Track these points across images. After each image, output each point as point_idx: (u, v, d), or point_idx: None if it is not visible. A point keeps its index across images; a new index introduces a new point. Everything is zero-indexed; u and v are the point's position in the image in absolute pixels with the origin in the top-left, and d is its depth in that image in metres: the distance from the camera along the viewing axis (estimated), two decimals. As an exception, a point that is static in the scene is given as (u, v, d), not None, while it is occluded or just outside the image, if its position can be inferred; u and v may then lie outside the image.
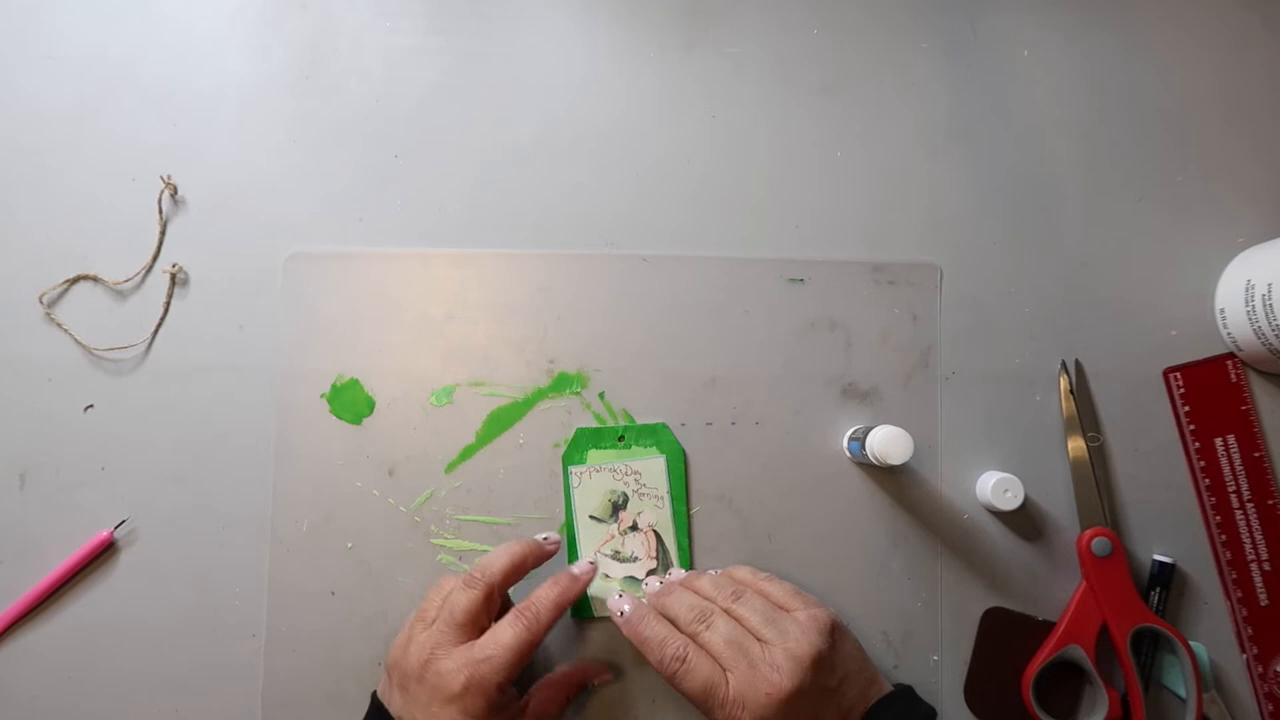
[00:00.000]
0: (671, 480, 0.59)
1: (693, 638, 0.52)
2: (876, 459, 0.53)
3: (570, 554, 0.59)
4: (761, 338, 0.60)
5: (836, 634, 0.52)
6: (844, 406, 0.60)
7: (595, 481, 0.59)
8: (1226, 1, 0.64)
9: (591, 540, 0.58)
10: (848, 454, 0.59)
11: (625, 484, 0.59)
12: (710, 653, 0.51)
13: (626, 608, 0.53)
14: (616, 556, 0.58)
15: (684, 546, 0.59)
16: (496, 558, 0.54)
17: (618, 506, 0.59)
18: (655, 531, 0.59)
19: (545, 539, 0.57)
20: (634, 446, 0.59)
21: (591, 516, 0.59)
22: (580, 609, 0.58)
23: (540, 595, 0.53)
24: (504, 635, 0.51)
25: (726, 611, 0.53)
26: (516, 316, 0.60)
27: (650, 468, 0.59)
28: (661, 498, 0.59)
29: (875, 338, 0.60)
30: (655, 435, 0.59)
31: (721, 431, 0.59)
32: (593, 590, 0.58)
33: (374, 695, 0.54)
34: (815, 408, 0.60)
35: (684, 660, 0.50)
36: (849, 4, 0.64)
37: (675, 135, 0.62)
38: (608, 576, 0.58)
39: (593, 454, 0.59)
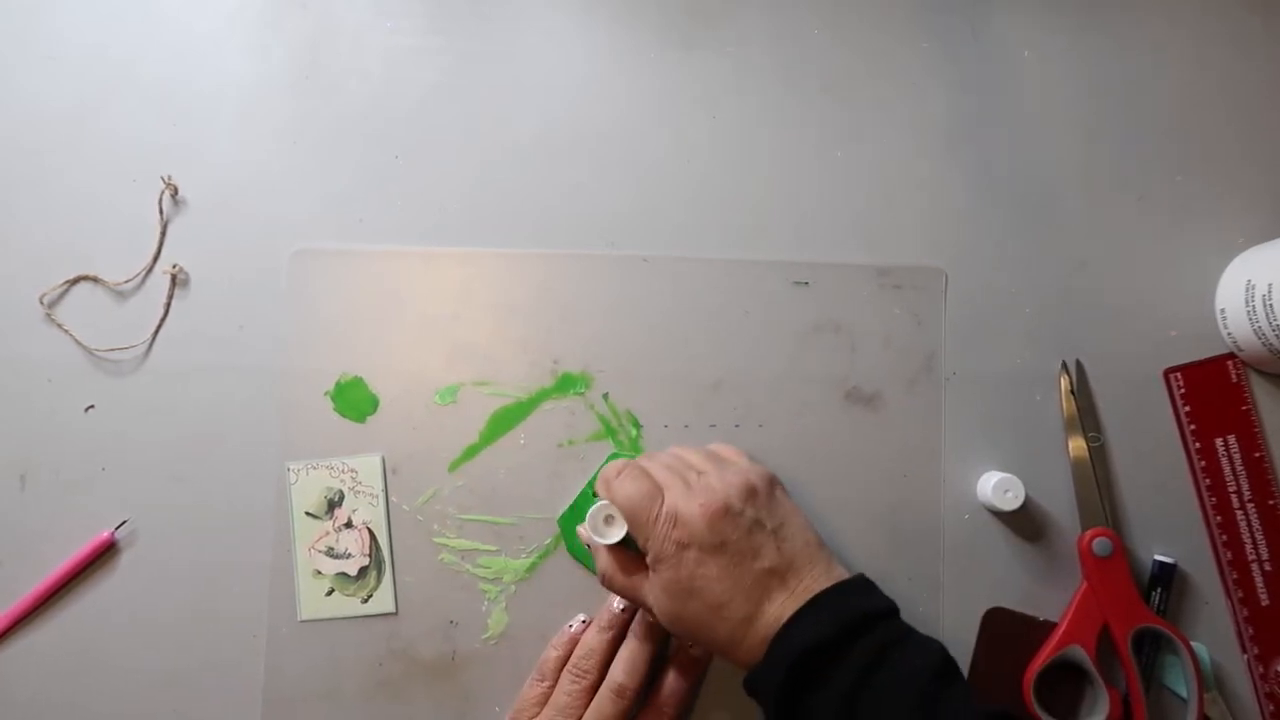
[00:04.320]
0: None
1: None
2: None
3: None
4: (765, 340, 0.60)
5: (775, 484, 0.54)
6: (848, 410, 0.60)
7: (312, 478, 0.59)
8: (1226, 2, 0.64)
9: (306, 536, 0.58)
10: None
11: (341, 481, 0.59)
12: (649, 475, 0.53)
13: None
14: (330, 553, 0.58)
15: None
16: (637, 664, 0.55)
17: (333, 504, 0.59)
18: (369, 529, 0.58)
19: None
20: None
21: (307, 513, 0.58)
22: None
23: (675, 689, 0.56)
24: None
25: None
26: (520, 316, 0.60)
27: (366, 466, 0.59)
28: (376, 496, 0.58)
29: (879, 341, 0.60)
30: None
31: (725, 434, 0.59)
32: (303, 589, 0.58)
33: None
34: (819, 411, 0.60)
35: (620, 472, 0.53)
36: (849, 5, 0.64)
37: (675, 135, 0.62)
38: (319, 573, 0.58)
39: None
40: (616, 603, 0.57)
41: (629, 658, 0.55)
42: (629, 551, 0.54)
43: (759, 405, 0.60)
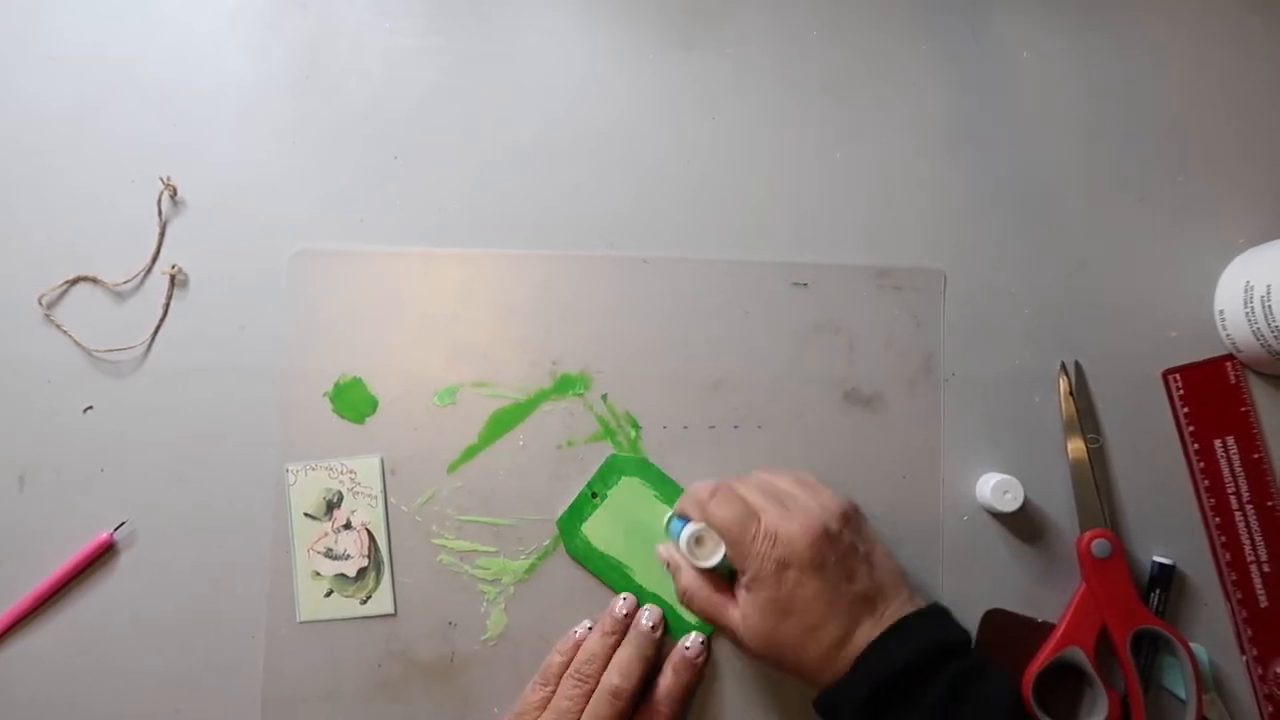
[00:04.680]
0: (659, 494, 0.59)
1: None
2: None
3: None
4: (764, 341, 0.60)
5: (860, 512, 0.55)
6: (847, 411, 0.60)
7: (311, 479, 0.58)
8: (1226, 2, 0.64)
9: (305, 537, 0.58)
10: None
11: (340, 482, 0.59)
12: (743, 497, 0.53)
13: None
14: (329, 554, 0.58)
15: None
16: (633, 666, 0.55)
17: (332, 505, 0.58)
18: (368, 530, 0.58)
19: (652, 626, 0.57)
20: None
21: (306, 514, 0.58)
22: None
23: (670, 692, 0.56)
24: None
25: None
26: (519, 317, 0.60)
27: (365, 467, 0.58)
28: (375, 497, 0.58)
29: (879, 342, 0.60)
30: (621, 468, 0.59)
31: (725, 435, 0.59)
32: (301, 590, 0.58)
33: None
34: (818, 412, 0.60)
35: (714, 494, 0.54)
36: (849, 5, 0.64)
37: (675, 136, 0.62)
38: (318, 574, 0.58)
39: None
40: (619, 607, 0.57)
41: (625, 660, 0.55)
42: (712, 573, 0.55)
43: (758, 406, 0.60)
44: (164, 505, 0.58)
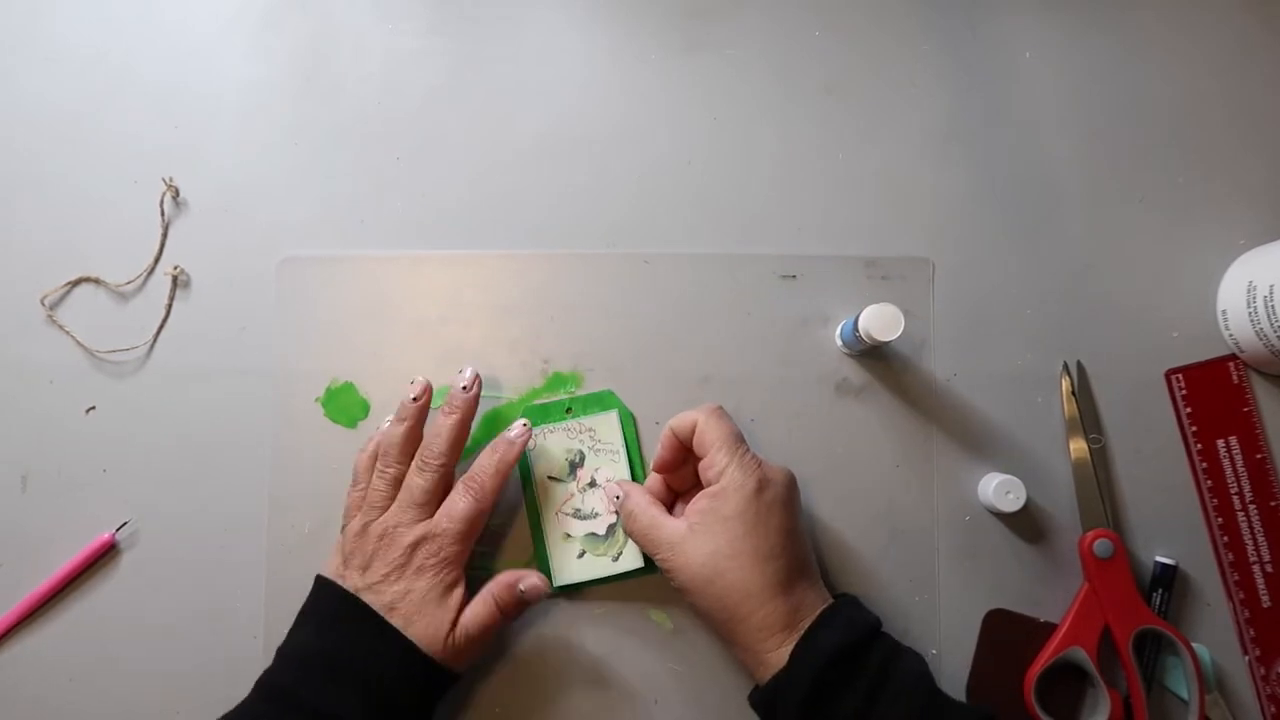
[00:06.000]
0: (627, 440, 0.59)
1: None
2: (869, 338, 0.54)
3: (531, 517, 0.59)
4: (754, 335, 0.60)
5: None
6: (840, 402, 0.60)
7: (550, 442, 0.59)
8: (1227, 3, 0.63)
9: (552, 501, 0.58)
10: (839, 343, 0.60)
11: (580, 441, 0.59)
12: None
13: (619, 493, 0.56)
14: (577, 514, 0.58)
15: None
16: (439, 437, 0.55)
17: (575, 465, 0.59)
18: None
19: (464, 387, 0.56)
20: (582, 416, 0.59)
21: (550, 477, 0.58)
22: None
23: (482, 464, 0.55)
24: (456, 507, 0.53)
25: None
26: (510, 317, 0.60)
27: (603, 423, 0.59)
28: (617, 452, 0.58)
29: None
30: (602, 402, 0.59)
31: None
32: (555, 554, 0.58)
33: (319, 576, 0.54)
34: (809, 404, 0.60)
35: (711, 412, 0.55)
36: (850, 6, 0.64)
37: (676, 137, 0.62)
38: (569, 536, 0.58)
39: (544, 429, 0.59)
40: (410, 392, 0.56)
41: (435, 427, 0.55)
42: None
43: (750, 399, 0.60)
44: (166, 505, 0.59)
